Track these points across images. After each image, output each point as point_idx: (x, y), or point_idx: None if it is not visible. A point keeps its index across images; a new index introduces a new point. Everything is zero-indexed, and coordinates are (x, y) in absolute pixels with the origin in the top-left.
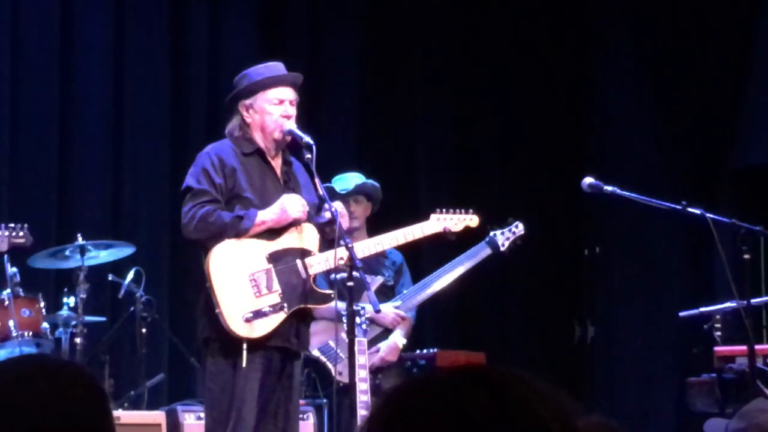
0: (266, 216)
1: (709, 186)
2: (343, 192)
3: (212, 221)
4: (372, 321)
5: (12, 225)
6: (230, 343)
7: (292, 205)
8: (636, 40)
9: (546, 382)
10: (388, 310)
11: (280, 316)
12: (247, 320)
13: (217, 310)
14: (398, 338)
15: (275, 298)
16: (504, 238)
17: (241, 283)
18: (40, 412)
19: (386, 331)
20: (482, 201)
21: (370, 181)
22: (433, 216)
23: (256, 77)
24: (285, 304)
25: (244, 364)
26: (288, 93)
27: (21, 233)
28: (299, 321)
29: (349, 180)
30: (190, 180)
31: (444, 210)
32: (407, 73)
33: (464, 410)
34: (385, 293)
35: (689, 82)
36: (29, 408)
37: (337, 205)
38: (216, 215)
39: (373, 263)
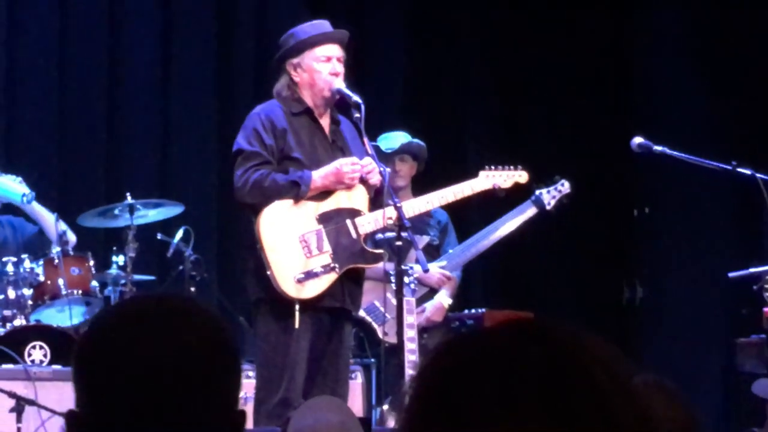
0: (321, 182)
1: (760, 146)
2: (389, 151)
3: (267, 186)
4: (418, 281)
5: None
6: (282, 304)
7: (347, 172)
8: None
9: (600, 337)
10: (434, 269)
11: (332, 277)
12: (299, 281)
13: (268, 272)
14: (444, 298)
15: (326, 258)
16: (550, 196)
17: (291, 245)
18: (158, 353)
19: (431, 291)
20: (530, 160)
21: (416, 140)
22: (482, 173)
23: (302, 35)
24: (336, 265)
25: (296, 325)
26: (335, 50)
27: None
28: (351, 281)
29: (394, 139)
30: (241, 142)
31: (493, 167)
32: (454, 30)
33: (512, 364)
34: (430, 253)
35: (739, 38)
36: (146, 347)
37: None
38: (270, 179)
39: (418, 223)
